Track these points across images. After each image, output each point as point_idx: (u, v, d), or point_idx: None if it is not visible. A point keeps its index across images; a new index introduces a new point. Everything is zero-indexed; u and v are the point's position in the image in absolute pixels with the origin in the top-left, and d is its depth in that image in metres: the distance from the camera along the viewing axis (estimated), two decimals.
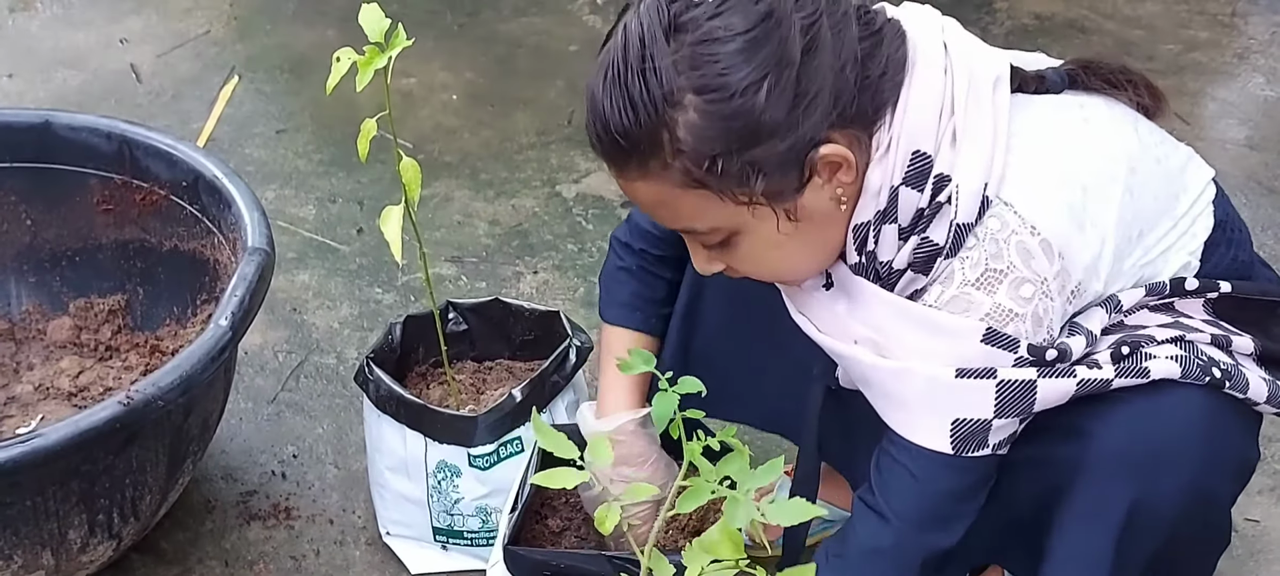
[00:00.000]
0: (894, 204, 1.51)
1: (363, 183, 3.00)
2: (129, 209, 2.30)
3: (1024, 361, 1.50)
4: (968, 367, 1.50)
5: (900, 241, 1.52)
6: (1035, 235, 1.48)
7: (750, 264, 1.58)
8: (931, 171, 1.49)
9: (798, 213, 1.50)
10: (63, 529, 1.81)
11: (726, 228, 1.52)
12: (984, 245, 1.49)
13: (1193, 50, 3.60)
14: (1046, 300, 1.49)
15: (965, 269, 1.50)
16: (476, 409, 2.01)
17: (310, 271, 2.74)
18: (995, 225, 1.49)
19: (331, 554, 2.12)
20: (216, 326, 1.84)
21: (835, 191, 1.51)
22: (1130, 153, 1.56)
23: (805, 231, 1.52)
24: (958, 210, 1.49)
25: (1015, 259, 1.48)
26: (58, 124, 2.28)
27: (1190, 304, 1.62)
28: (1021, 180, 1.50)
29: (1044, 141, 1.55)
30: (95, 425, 1.70)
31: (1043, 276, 1.48)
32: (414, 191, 1.80)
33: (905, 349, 1.53)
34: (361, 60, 1.70)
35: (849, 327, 1.59)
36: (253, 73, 3.46)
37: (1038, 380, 1.50)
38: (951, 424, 1.52)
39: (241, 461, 2.28)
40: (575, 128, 3.24)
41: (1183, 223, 1.60)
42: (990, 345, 1.49)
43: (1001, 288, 1.48)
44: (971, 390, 1.50)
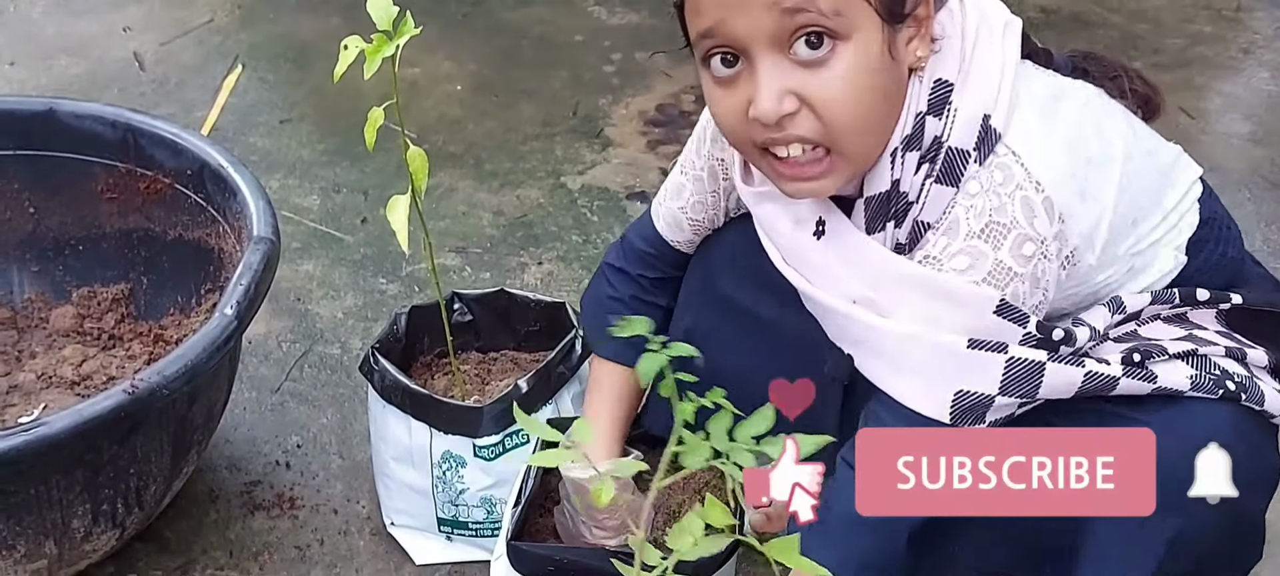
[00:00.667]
0: (921, 131, 1.48)
1: (367, 172, 2.99)
2: (133, 197, 2.29)
3: (1031, 338, 1.48)
4: (981, 339, 1.48)
5: (917, 171, 1.50)
6: (1040, 192, 1.46)
7: (833, 90, 1.41)
8: (949, 100, 1.48)
9: (893, 48, 1.43)
10: (66, 518, 1.80)
11: (847, 15, 1.39)
12: (988, 195, 1.46)
13: (1198, 44, 3.60)
14: (1044, 262, 1.48)
15: (970, 218, 1.47)
16: (482, 399, 2.00)
17: (314, 261, 2.73)
18: (1000, 176, 1.46)
19: (336, 544, 2.11)
20: (222, 315, 1.84)
21: (916, 50, 1.46)
22: (1126, 140, 1.56)
23: (884, 79, 1.43)
24: (950, 132, 1.47)
25: (1019, 214, 1.46)
26: (62, 112, 2.28)
27: (1203, 314, 1.61)
28: (1028, 133, 1.49)
29: (1052, 108, 1.54)
30: (100, 414, 1.69)
31: (1043, 236, 1.46)
32: (421, 181, 1.79)
33: (911, 313, 1.51)
34: (369, 48, 1.69)
35: (846, 286, 1.55)
36: (256, 61, 3.46)
37: (1047, 363, 1.48)
38: (954, 394, 1.50)
39: (246, 451, 2.27)
40: (580, 119, 3.23)
41: (1171, 218, 1.60)
42: (1002, 317, 1.47)
43: (1005, 244, 1.46)
44: (981, 362, 1.48)
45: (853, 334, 1.58)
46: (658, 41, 3.56)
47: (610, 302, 1.87)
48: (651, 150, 3.13)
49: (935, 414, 1.51)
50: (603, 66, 3.48)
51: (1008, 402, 1.51)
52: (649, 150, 3.13)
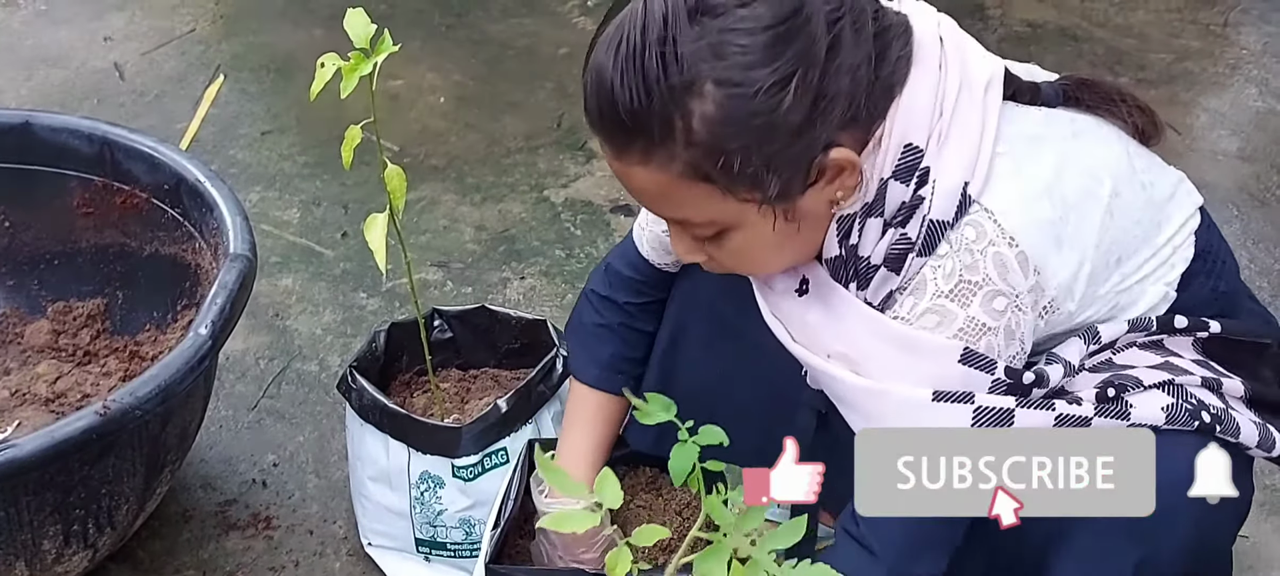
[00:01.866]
0: (882, 198, 1.47)
1: (348, 186, 2.96)
2: (109, 211, 2.26)
3: (1000, 385, 1.46)
4: (945, 391, 1.46)
5: (882, 236, 1.49)
6: (1013, 247, 1.44)
7: (735, 259, 1.52)
8: (919, 165, 1.46)
9: (796, 214, 1.46)
10: (37, 539, 1.78)
11: (723, 223, 1.47)
12: (958, 255, 1.45)
13: (1184, 60, 3.58)
14: (1019, 314, 1.46)
15: (938, 278, 1.46)
16: (461, 419, 1.98)
17: (294, 276, 2.71)
18: (971, 234, 1.45)
19: (311, 565, 2.09)
20: (196, 335, 1.81)
21: (835, 193, 1.47)
22: (1116, 173, 1.53)
23: (797, 232, 1.49)
24: (931, 206, 1.45)
25: (991, 271, 1.44)
26: (38, 125, 2.25)
27: (1179, 342, 1.59)
28: (1004, 189, 1.47)
29: (1031, 153, 1.52)
30: (71, 436, 1.67)
31: (1017, 290, 1.45)
32: (399, 200, 1.77)
33: (881, 367, 1.49)
34: (346, 66, 1.67)
35: (823, 341, 1.55)
36: (238, 72, 3.43)
37: (1016, 409, 1.46)
38: None
39: (221, 470, 2.25)
40: (564, 132, 3.21)
41: (1163, 253, 1.57)
42: (968, 365, 1.46)
43: (975, 300, 1.45)
44: (948, 414, 1.46)
45: (832, 391, 1.57)
46: None
47: (597, 330, 1.84)
48: None
49: None
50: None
51: None
52: None
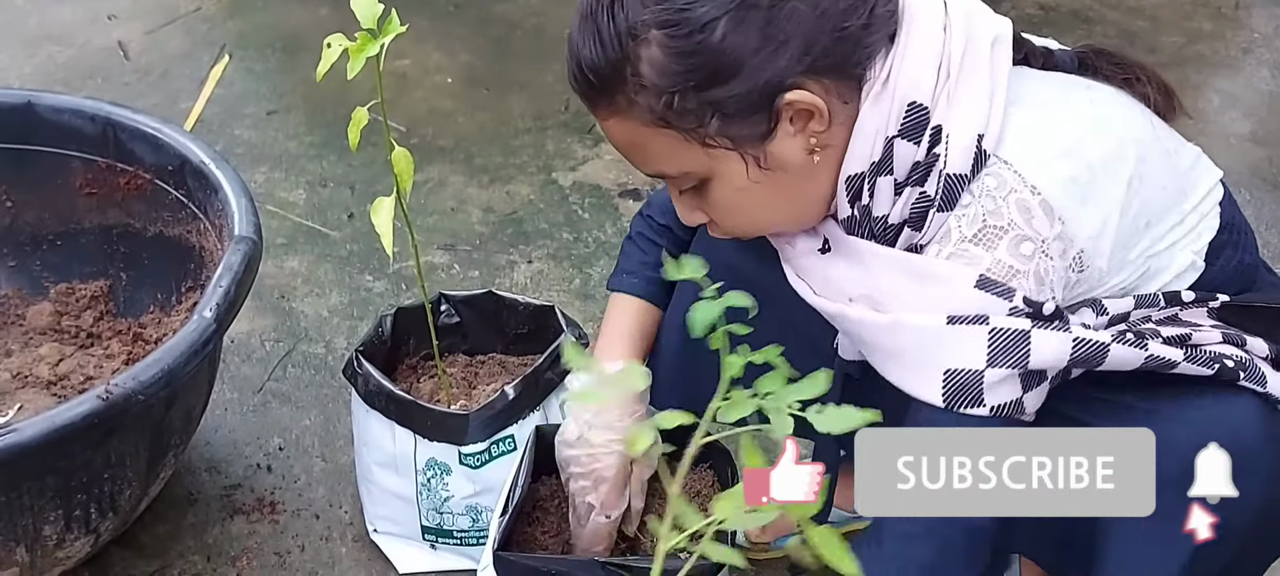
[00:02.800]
0: (890, 155, 1.47)
1: (355, 166, 2.94)
2: (113, 192, 2.24)
3: (1019, 312, 1.43)
4: (959, 314, 1.44)
5: (896, 195, 1.49)
6: (1036, 194, 1.43)
7: (724, 213, 1.55)
8: (928, 124, 1.46)
9: (767, 160, 1.48)
10: (38, 524, 1.75)
11: (696, 172, 1.51)
12: (980, 201, 1.45)
13: (1196, 43, 3.56)
14: (1047, 260, 1.44)
15: (962, 226, 1.45)
16: (468, 405, 1.96)
17: (300, 257, 2.69)
18: (992, 182, 1.45)
19: (317, 549, 2.07)
20: (200, 318, 1.79)
21: (808, 141, 1.48)
22: (1139, 138, 1.52)
23: (778, 181, 1.50)
24: (947, 160, 1.45)
25: (1015, 216, 1.43)
26: (41, 105, 2.23)
27: (1194, 313, 1.57)
28: (1022, 143, 1.47)
29: (1048, 113, 1.51)
30: (72, 420, 1.64)
31: (1042, 236, 1.43)
32: (406, 182, 1.74)
33: (899, 301, 1.49)
34: (353, 47, 1.64)
35: (845, 289, 1.55)
36: (244, 51, 3.40)
37: (1032, 330, 1.43)
38: (943, 375, 1.45)
39: (226, 453, 2.23)
40: (573, 114, 3.18)
41: (1190, 220, 1.56)
42: (984, 291, 1.43)
43: (1002, 244, 1.43)
44: (962, 337, 1.44)
45: (855, 334, 1.56)
46: None
47: (632, 246, 1.86)
48: None
49: (930, 398, 1.46)
50: None
51: (1000, 376, 1.44)
52: None
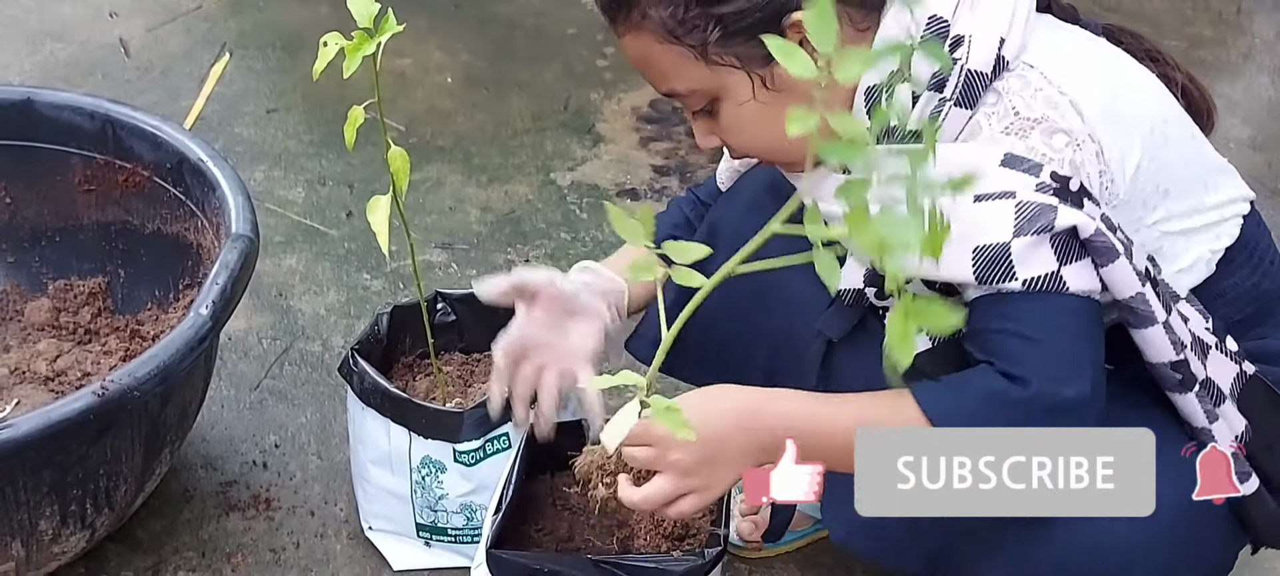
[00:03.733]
0: (907, 66, 1.48)
1: (353, 165, 2.94)
2: (111, 189, 2.24)
3: (1046, 187, 1.42)
4: (986, 192, 1.44)
5: (913, 103, 1.50)
6: (1064, 94, 1.46)
7: (734, 133, 1.58)
8: (948, 35, 1.49)
9: (774, 81, 1.51)
10: (33, 519, 1.76)
11: (705, 90, 1.54)
12: (1007, 99, 1.47)
13: (1198, 48, 3.56)
14: (1080, 153, 1.45)
15: (992, 122, 1.47)
16: (463, 403, 1.96)
17: (298, 255, 2.69)
18: (1017, 83, 1.47)
19: (312, 546, 2.07)
20: (196, 315, 1.80)
21: (815, 63, 1.46)
22: (1164, 104, 1.55)
23: (787, 102, 1.48)
24: (969, 56, 1.47)
25: (1045, 110, 1.45)
26: (40, 101, 2.23)
27: (1222, 364, 1.57)
28: (1049, 55, 1.49)
29: (1075, 40, 1.55)
30: (68, 416, 1.65)
31: (1073, 129, 1.45)
32: (402, 181, 1.75)
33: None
34: (349, 45, 1.65)
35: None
36: (244, 49, 3.41)
37: (1059, 205, 1.41)
38: (972, 251, 1.44)
39: (222, 450, 2.23)
40: (571, 114, 3.19)
41: (1210, 215, 1.57)
42: (1010, 168, 1.43)
43: (1033, 134, 1.45)
44: (989, 212, 1.43)
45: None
46: None
47: (669, 207, 1.93)
48: (643, 147, 3.09)
49: (963, 276, 1.45)
50: (595, 60, 3.43)
51: (1028, 244, 1.42)
52: (640, 147, 3.09)
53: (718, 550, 1.72)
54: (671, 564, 1.69)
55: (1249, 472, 1.56)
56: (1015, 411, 1.44)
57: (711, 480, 1.52)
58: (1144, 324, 1.48)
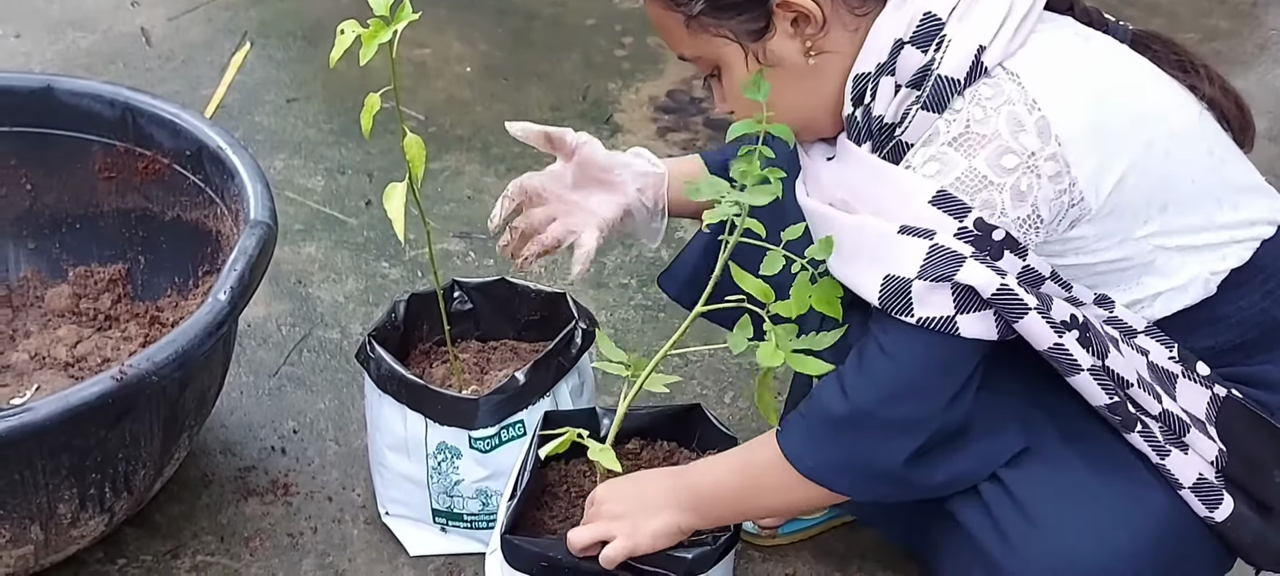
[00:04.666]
0: (895, 58, 1.52)
1: (372, 154, 2.96)
2: (131, 176, 2.26)
3: (965, 234, 1.46)
4: (911, 226, 1.48)
5: (894, 96, 1.53)
6: (1033, 111, 1.46)
7: (735, 102, 1.63)
8: (939, 33, 1.51)
9: (766, 55, 1.57)
10: (52, 502, 1.78)
11: (707, 58, 1.62)
12: (970, 108, 1.48)
13: (1213, 40, 3.55)
14: (1032, 176, 1.46)
15: (951, 128, 1.49)
16: (479, 390, 1.98)
17: (317, 243, 2.71)
18: (987, 92, 1.48)
19: (329, 531, 2.09)
20: (215, 300, 1.81)
21: (804, 44, 1.56)
22: (1176, 119, 1.54)
23: (780, 78, 1.57)
24: (941, 61, 1.49)
25: (1001, 126, 1.46)
26: (60, 89, 2.25)
27: (1193, 392, 1.59)
28: (1040, 61, 1.50)
29: (1085, 47, 1.55)
30: (87, 400, 1.67)
31: (1030, 150, 1.45)
32: (418, 168, 1.76)
33: (864, 204, 1.54)
34: (366, 33, 1.66)
35: (830, 188, 1.60)
36: (265, 39, 3.42)
37: (968, 258, 1.46)
38: (882, 278, 1.50)
39: (241, 435, 2.25)
40: (590, 104, 3.20)
41: (1218, 235, 1.56)
42: (937, 207, 1.47)
43: (981, 153, 1.47)
44: (905, 247, 1.48)
45: (822, 231, 1.60)
46: None
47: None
48: (661, 137, 3.09)
49: (870, 295, 1.51)
50: (614, 50, 3.44)
51: (928, 288, 1.47)
52: (658, 137, 3.09)
53: (729, 536, 1.73)
54: (682, 550, 1.70)
55: (1220, 499, 1.57)
56: (848, 431, 1.56)
57: (636, 526, 1.66)
58: (1069, 372, 1.51)
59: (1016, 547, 1.55)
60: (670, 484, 1.70)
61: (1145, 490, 1.56)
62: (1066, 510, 1.55)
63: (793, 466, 1.60)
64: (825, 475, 1.60)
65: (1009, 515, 1.57)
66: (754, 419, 2.28)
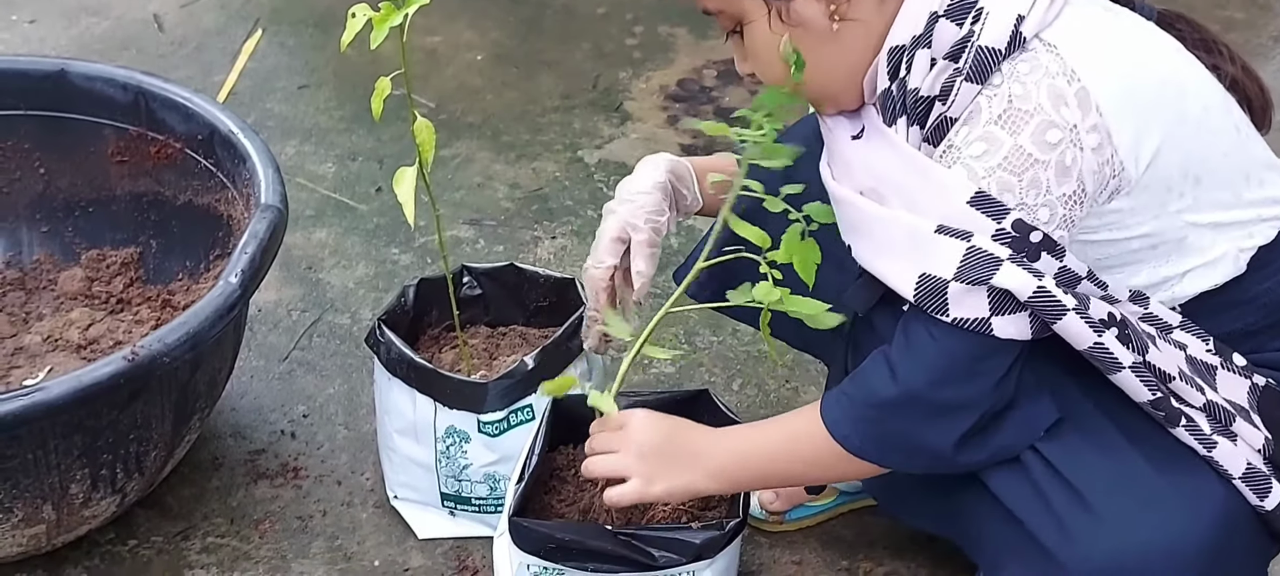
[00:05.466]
0: (931, 30, 1.50)
1: (383, 140, 2.97)
2: (144, 161, 2.27)
3: (1004, 236, 1.46)
4: (948, 226, 1.48)
5: (930, 69, 1.51)
6: (1073, 82, 1.45)
7: (755, 62, 1.61)
8: (975, 5, 1.49)
9: (790, 15, 1.55)
10: (64, 482, 1.79)
11: (730, 13, 1.59)
12: (1010, 83, 1.46)
13: (1229, 31, 3.54)
14: (1075, 150, 1.44)
15: (991, 105, 1.47)
16: (488, 375, 1.99)
17: (328, 229, 2.72)
18: (1025, 66, 1.47)
19: (338, 515, 2.10)
20: (226, 283, 1.82)
21: (828, 8, 1.54)
22: (1206, 93, 1.54)
23: (801, 40, 1.55)
24: (982, 32, 1.48)
25: (1043, 100, 1.44)
26: (74, 73, 2.26)
27: (1232, 382, 1.58)
28: (1076, 32, 1.49)
29: (1116, 20, 1.54)
30: (99, 380, 1.68)
31: (1072, 123, 1.44)
32: (428, 153, 1.77)
33: (901, 199, 1.52)
34: (376, 17, 1.67)
35: (857, 178, 1.59)
36: (277, 26, 3.44)
37: (1004, 261, 1.45)
38: (918, 276, 1.49)
39: (251, 419, 2.26)
40: (600, 92, 3.20)
41: (1246, 212, 1.55)
42: (976, 208, 1.46)
43: (1026, 129, 1.44)
44: (943, 246, 1.47)
45: (851, 221, 1.60)
46: (681, 14, 3.52)
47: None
48: (671, 126, 3.10)
49: (905, 292, 1.51)
50: (625, 39, 3.45)
51: (964, 291, 1.47)
52: (668, 125, 3.10)
53: (738, 521, 1.74)
54: (690, 534, 1.70)
55: (1269, 487, 1.55)
56: (898, 413, 1.55)
57: (654, 475, 1.66)
58: (1111, 370, 1.51)
59: (1076, 539, 1.53)
60: (706, 446, 1.69)
61: (1202, 480, 1.54)
62: (1127, 502, 1.53)
63: (840, 445, 1.59)
64: (874, 453, 1.60)
65: (1067, 505, 1.54)
66: (761, 406, 2.29)
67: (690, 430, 1.72)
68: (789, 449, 1.67)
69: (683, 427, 1.72)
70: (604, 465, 1.68)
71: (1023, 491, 1.58)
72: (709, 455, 1.68)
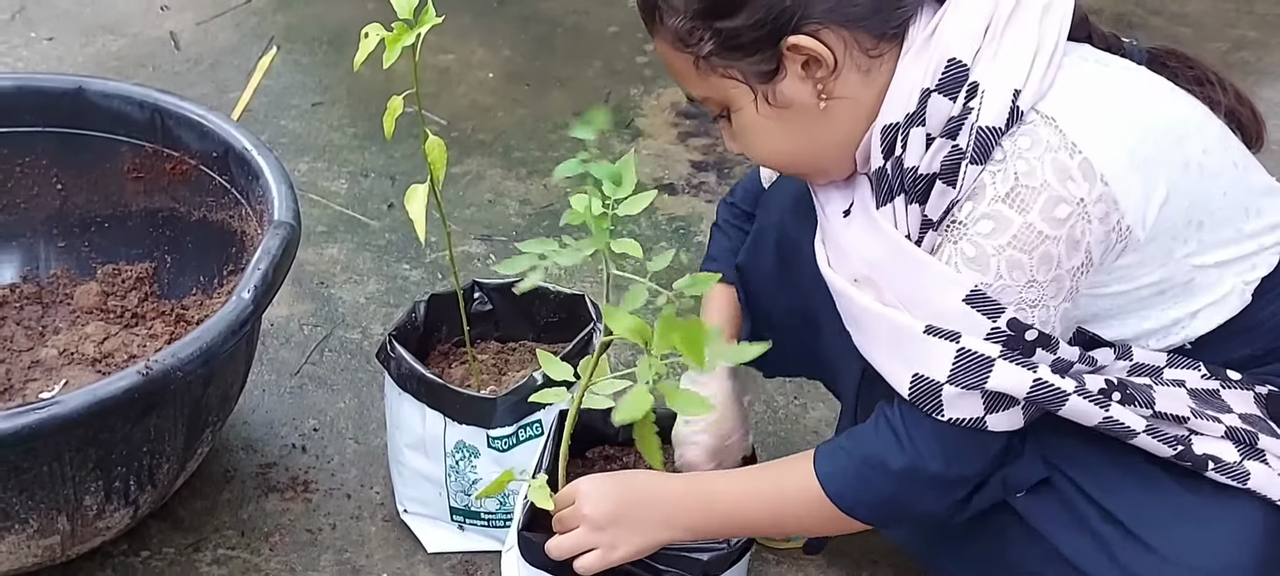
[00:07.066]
0: (923, 107, 1.49)
1: (395, 158, 2.99)
2: (159, 177, 2.30)
3: (998, 334, 1.46)
4: (937, 326, 1.48)
5: (926, 148, 1.50)
6: (1075, 155, 1.43)
7: (745, 143, 1.62)
8: (965, 80, 1.48)
9: (777, 98, 1.54)
10: (79, 494, 1.81)
11: (716, 99, 1.59)
12: (1014, 161, 1.45)
13: (1241, 50, 3.55)
14: (1084, 223, 1.44)
15: (997, 183, 1.45)
16: (497, 390, 2.00)
17: (339, 245, 2.74)
18: (1026, 142, 1.45)
19: (348, 529, 2.12)
20: (239, 299, 1.84)
21: (815, 88, 1.53)
22: (1206, 133, 1.53)
23: (790, 120, 1.55)
24: (980, 113, 1.46)
25: (1049, 176, 1.43)
26: (91, 90, 2.29)
27: (1238, 396, 1.58)
28: (1071, 100, 1.47)
29: (1108, 75, 1.53)
30: (113, 394, 1.70)
31: (1080, 198, 1.43)
32: (439, 170, 1.79)
33: (896, 292, 1.52)
34: (389, 37, 1.69)
35: (852, 265, 1.58)
36: (292, 44, 3.46)
37: (997, 360, 1.46)
38: (912, 376, 1.51)
39: (262, 433, 2.28)
40: (611, 110, 3.22)
41: (1247, 245, 1.55)
42: (971, 307, 1.46)
43: (1034, 207, 1.43)
44: (933, 348, 1.48)
45: (847, 312, 1.60)
46: None
47: (713, 230, 1.97)
48: (681, 142, 3.12)
49: (901, 391, 1.52)
50: (635, 57, 3.47)
51: (959, 394, 1.48)
52: (679, 142, 3.12)
53: (745, 540, 1.75)
54: (698, 552, 1.72)
55: None
56: (902, 482, 1.56)
57: (615, 542, 1.66)
58: (1127, 438, 1.52)
59: (1131, 571, 1.55)
60: (662, 495, 1.69)
61: (1236, 500, 1.54)
62: (1177, 530, 1.54)
63: (832, 502, 1.60)
64: (865, 513, 1.61)
65: (1117, 540, 1.55)
66: (769, 424, 2.31)
67: (641, 482, 1.71)
68: (762, 496, 1.67)
69: (632, 484, 1.70)
70: (565, 545, 1.68)
71: (1083, 542, 1.58)
72: (669, 504, 1.68)
